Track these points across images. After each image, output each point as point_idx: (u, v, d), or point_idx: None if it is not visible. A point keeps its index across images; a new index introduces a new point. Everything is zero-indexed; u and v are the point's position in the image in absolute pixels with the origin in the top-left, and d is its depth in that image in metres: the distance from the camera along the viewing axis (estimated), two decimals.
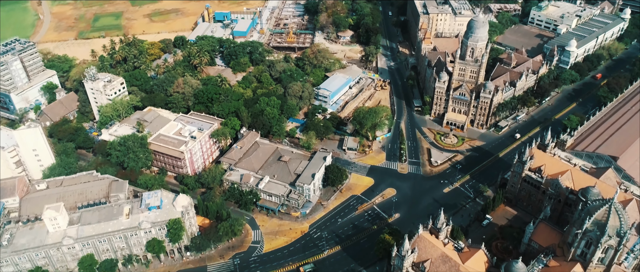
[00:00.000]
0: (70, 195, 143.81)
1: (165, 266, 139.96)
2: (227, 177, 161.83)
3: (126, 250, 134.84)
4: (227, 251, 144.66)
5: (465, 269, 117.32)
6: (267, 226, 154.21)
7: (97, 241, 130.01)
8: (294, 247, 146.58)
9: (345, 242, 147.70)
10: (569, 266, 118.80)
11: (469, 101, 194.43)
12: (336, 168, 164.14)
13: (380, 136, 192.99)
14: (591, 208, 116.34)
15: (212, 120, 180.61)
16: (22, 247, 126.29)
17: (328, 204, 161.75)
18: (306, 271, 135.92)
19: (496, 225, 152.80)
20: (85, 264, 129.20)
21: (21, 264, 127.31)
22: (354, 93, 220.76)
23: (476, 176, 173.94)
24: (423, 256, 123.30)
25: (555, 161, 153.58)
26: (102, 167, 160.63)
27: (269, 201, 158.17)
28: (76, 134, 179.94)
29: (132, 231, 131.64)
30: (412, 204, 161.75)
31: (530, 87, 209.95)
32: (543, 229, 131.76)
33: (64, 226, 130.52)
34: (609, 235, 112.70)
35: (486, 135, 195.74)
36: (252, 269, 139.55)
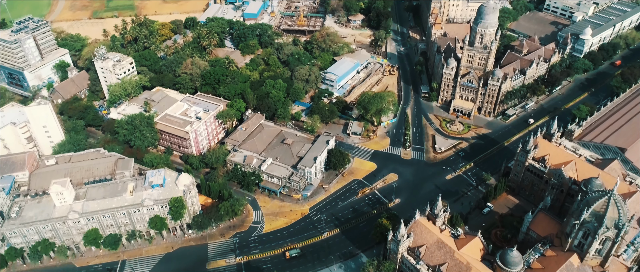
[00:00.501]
0: (77, 171, 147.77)
1: (168, 243, 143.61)
2: (230, 158, 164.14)
3: (129, 226, 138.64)
4: (228, 230, 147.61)
5: (459, 256, 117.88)
6: (268, 207, 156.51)
7: (102, 216, 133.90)
8: (294, 228, 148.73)
9: (345, 225, 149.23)
10: (566, 256, 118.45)
11: (476, 88, 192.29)
12: (338, 152, 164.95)
13: (385, 121, 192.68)
14: (590, 199, 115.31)
15: (218, 102, 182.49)
16: (29, 219, 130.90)
17: (329, 187, 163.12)
18: (292, 255, 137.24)
19: (497, 213, 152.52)
20: (89, 238, 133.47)
21: (29, 236, 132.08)
22: (361, 78, 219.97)
23: (480, 163, 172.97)
24: (419, 241, 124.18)
25: (559, 151, 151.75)
26: (110, 145, 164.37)
27: (271, 182, 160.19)
28: (86, 112, 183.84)
29: (135, 207, 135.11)
30: (413, 190, 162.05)
31: (541, 75, 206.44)
32: (542, 218, 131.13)
33: (70, 201, 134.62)
34: (607, 227, 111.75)
35: (493, 123, 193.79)
36: (251, 248, 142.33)
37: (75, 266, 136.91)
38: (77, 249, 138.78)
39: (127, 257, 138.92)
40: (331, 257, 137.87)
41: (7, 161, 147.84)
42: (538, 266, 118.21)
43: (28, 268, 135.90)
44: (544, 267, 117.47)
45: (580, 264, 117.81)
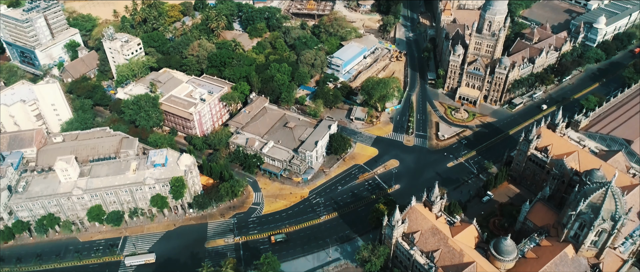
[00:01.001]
0: (83, 149, 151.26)
1: (169, 221, 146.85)
2: (233, 140, 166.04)
3: (132, 203, 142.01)
4: (228, 211, 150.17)
5: (453, 243, 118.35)
6: (269, 189, 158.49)
7: (105, 193, 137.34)
8: (293, 211, 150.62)
9: (343, 209, 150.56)
10: (561, 246, 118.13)
11: (483, 76, 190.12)
12: (340, 137, 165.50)
13: (389, 107, 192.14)
14: (588, 190, 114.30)
15: (223, 84, 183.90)
16: (36, 194, 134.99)
17: (330, 171, 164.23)
18: (277, 240, 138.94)
19: (497, 202, 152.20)
20: (93, 214, 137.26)
21: (35, 210, 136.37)
22: (368, 63, 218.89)
23: (483, 152, 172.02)
24: (413, 227, 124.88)
25: (563, 141, 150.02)
26: (115, 124, 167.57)
27: (272, 165, 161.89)
28: (94, 91, 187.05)
29: (137, 185, 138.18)
30: (413, 176, 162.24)
31: (551, 64, 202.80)
32: (540, 208, 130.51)
33: (75, 177, 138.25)
34: (603, 219, 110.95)
35: (499, 111, 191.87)
36: (250, 228, 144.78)
37: (80, 241, 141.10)
38: (82, 224, 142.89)
39: (129, 234, 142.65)
40: (327, 240, 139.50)
41: (15, 137, 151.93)
42: (532, 256, 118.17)
43: (34, 241, 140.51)
44: (538, 257, 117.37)
45: (575, 255, 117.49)
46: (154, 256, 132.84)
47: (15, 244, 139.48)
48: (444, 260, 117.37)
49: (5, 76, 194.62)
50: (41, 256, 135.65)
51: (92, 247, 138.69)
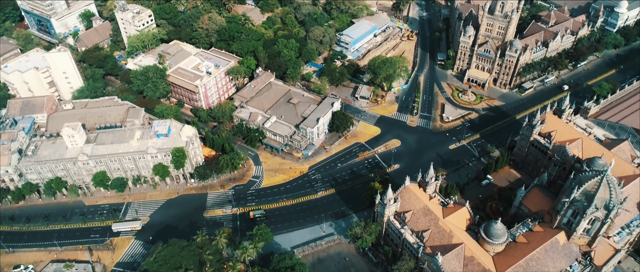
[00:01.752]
0: (91, 116, 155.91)
1: (171, 189, 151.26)
2: (237, 114, 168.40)
3: (135, 171, 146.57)
4: (228, 182, 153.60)
5: (443, 224, 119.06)
6: (269, 163, 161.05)
7: (109, 160, 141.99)
8: (291, 185, 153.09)
9: (341, 186, 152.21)
10: (553, 233, 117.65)
11: (493, 59, 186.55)
12: (342, 114, 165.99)
13: (396, 87, 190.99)
14: (583, 178, 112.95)
15: (230, 58, 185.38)
16: (44, 158, 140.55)
17: (331, 148, 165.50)
18: (256, 216, 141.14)
19: (496, 186, 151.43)
20: (97, 180, 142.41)
21: (43, 173, 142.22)
22: (378, 41, 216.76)
23: (487, 135, 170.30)
24: (406, 207, 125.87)
25: (567, 128, 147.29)
26: (124, 94, 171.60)
27: (274, 140, 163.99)
28: (105, 61, 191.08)
29: (140, 154, 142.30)
30: (414, 156, 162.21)
31: (566, 49, 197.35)
32: (536, 194, 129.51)
33: (81, 144, 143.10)
34: (597, 207, 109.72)
35: (508, 95, 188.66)
36: (248, 200, 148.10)
37: (85, 204, 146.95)
38: (88, 189, 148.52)
39: (132, 200, 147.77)
40: (322, 215, 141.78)
41: (28, 103, 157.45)
42: (523, 241, 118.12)
43: (43, 203, 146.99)
44: (528, 242, 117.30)
45: (567, 242, 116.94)
46: (139, 224, 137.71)
47: (26, 204, 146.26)
48: (434, 240, 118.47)
49: (22, 44, 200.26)
50: (49, 217, 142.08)
51: (96, 211, 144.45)
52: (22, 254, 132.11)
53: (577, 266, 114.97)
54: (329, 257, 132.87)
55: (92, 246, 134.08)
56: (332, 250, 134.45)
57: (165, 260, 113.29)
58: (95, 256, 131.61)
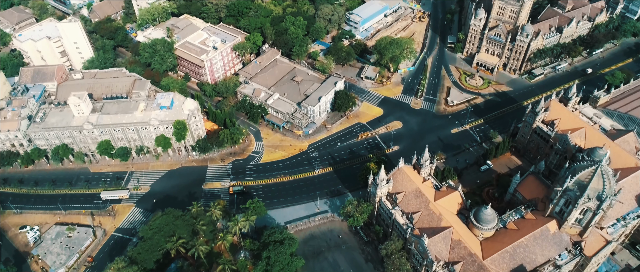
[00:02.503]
0: (98, 87, 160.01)
1: (173, 161, 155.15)
2: (240, 90, 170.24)
3: (138, 141, 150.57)
4: (229, 156, 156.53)
5: (434, 206, 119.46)
6: (270, 139, 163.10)
7: (113, 129, 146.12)
8: (290, 162, 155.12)
9: (338, 165, 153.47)
10: (545, 221, 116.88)
11: (503, 43, 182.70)
12: (345, 94, 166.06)
13: (403, 68, 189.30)
14: (577, 167, 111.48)
15: (237, 34, 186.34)
16: (51, 125, 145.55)
17: (332, 127, 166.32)
18: (235, 191, 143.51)
19: (495, 172, 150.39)
20: (101, 148, 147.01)
21: (51, 140, 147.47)
22: (388, 22, 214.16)
23: (491, 121, 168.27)
24: (398, 188, 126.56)
25: (571, 116, 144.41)
26: (132, 66, 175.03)
27: (276, 116, 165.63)
28: (116, 33, 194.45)
29: (143, 125, 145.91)
30: (415, 139, 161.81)
31: (581, 35, 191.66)
32: (531, 181, 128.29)
33: (87, 113, 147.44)
34: (589, 197, 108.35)
35: (517, 81, 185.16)
36: (246, 175, 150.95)
37: (90, 171, 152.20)
38: (93, 157, 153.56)
39: (135, 169, 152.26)
40: (318, 192, 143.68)
41: (39, 71, 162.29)
42: (513, 227, 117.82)
43: (51, 168, 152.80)
44: (518, 229, 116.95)
45: (558, 231, 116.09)
46: (127, 193, 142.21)
47: (34, 169, 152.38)
48: (423, 222, 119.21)
49: (38, 13, 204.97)
50: (55, 181, 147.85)
51: (100, 178, 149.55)
52: (29, 215, 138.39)
53: (566, 255, 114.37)
54: (321, 233, 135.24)
55: (94, 211, 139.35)
56: (325, 227, 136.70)
57: (160, 228, 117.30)
58: (97, 220, 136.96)
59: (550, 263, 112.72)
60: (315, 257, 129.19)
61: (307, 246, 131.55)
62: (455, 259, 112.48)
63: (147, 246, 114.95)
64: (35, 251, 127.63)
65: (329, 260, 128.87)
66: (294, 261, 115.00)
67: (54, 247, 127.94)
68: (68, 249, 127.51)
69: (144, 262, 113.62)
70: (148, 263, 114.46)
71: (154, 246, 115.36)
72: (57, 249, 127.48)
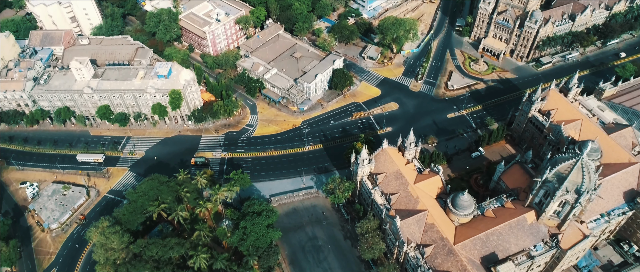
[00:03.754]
0: (103, 53, 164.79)
1: (169, 129, 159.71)
2: (240, 63, 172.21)
3: (136, 108, 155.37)
4: (223, 128, 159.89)
5: (412, 189, 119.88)
6: (265, 113, 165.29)
7: (112, 95, 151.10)
8: (281, 137, 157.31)
9: (329, 142, 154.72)
10: (523, 211, 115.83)
11: (511, 28, 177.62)
12: (342, 72, 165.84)
13: (406, 50, 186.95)
14: (558, 159, 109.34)
15: (242, 7, 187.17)
16: (54, 88, 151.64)
17: (327, 105, 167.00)
18: (198, 162, 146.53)
19: (486, 159, 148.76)
20: (100, 112, 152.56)
21: (54, 102, 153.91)
22: (397, 2, 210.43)
23: (490, 108, 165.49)
24: (380, 169, 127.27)
25: (569, 107, 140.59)
26: (137, 34, 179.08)
27: (272, 91, 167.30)
28: (126, 1, 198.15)
29: (140, 92, 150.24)
30: (409, 121, 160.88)
31: (596, 24, 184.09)
32: (516, 171, 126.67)
33: (88, 77, 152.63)
34: (567, 190, 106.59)
35: (523, 68, 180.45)
36: (238, 146, 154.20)
37: (90, 134, 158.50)
38: (94, 120, 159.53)
39: (132, 135, 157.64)
40: (306, 168, 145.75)
41: (47, 35, 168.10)
42: (491, 215, 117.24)
43: (54, 129, 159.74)
44: (495, 217, 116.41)
45: (536, 222, 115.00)
46: (102, 157, 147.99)
47: (39, 129, 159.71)
48: (400, 204, 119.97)
49: None
50: (57, 142, 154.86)
51: (99, 141, 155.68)
52: (30, 172, 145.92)
53: (541, 246, 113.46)
54: (304, 208, 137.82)
55: (90, 173, 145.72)
56: (308, 202, 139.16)
57: (145, 192, 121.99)
58: (91, 181, 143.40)
59: (523, 253, 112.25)
60: (295, 230, 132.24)
61: (289, 219, 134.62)
62: (427, 242, 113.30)
63: (131, 208, 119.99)
64: (32, 206, 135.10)
65: (308, 234, 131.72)
66: (270, 232, 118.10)
67: (49, 203, 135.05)
68: (62, 206, 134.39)
69: (128, 224, 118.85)
70: (132, 224, 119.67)
71: (138, 208, 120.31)
72: (52, 205, 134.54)
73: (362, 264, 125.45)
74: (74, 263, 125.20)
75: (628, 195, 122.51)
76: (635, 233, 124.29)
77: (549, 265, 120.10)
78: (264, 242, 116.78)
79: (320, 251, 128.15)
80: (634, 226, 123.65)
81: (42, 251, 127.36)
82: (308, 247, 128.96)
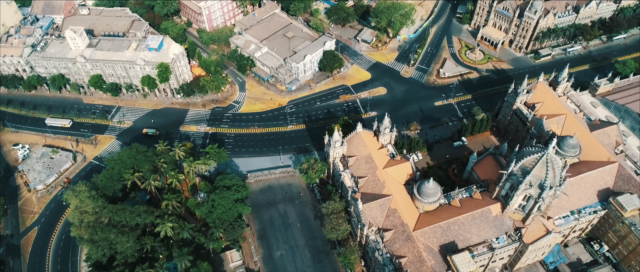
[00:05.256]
0: (100, 24, 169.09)
1: (158, 101, 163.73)
2: (233, 40, 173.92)
3: (127, 79, 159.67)
4: (210, 103, 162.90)
5: (380, 173, 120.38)
6: (254, 91, 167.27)
7: (104, 65, 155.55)
8: (266, 115, 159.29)
9: (312, 123, 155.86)
10: (489, 203, 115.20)
11: (511, 18, 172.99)
12: (332, 54, 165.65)
13: (403, 35, 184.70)
14: (525, 152, 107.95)
15: None
16: (50, 55, 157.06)
17: (316, 86, 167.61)
18: (149, 133, 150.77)
19: (468, 149, 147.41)
20: (93, 81, 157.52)
21: (49, 69, 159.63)
22: None
23: (480, 98, 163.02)
24: (352, 152, 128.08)
25: (555, 101, 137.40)
26: (136, 7, 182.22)
27: (262, 70, 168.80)
28: None
29: (130, 64, 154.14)
30: (395, 107, 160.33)
31: (603, 17, 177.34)
32: (488, 162, 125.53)
33: (82, 47, 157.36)
34: (531, 184, 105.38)
35: (520, 59, 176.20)
36: (223, 122, 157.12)
37: (84, 102, 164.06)
38: (88, 89, 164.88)
39: (123, 105, 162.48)
40: (286, 147, 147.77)
41: (49, 4, 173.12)
42: (456, 205, 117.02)
43: (50, 95, 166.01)
44: (461, 206, 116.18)
45: (501, 214, 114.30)
46: (69, 122, 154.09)
47: (36, 94, 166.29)
48: (367, 187, 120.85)
49: None
50: (51, 107, 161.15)
51: (91, 109, 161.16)
52: (23, 135, 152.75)
53: (504, 239, 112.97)
54: (279, 186, 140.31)
55: (79, 139, 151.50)
56: (284, 180, 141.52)
57: (123, 160, 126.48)
58: (80, 147, 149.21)
59: (485, 244, 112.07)
60: (267, 207, 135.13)
61: (263, 195, 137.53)
62: (388, 226, 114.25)
63: (109, 175, 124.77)
64: (21, 167, 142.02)
65: (280, 211, 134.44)
66: (238, 206, 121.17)
67: (38, 165, 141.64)
68: (49, 169, 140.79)
69: (104, 189, 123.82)
70: (109, 190, 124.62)
71: (115, 175, 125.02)
72: (40, 167, 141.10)
73: (329, 244, 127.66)
74: (54, 223, 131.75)
75: (602, 194, 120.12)
76: (606, 233, 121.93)
77: (513, 258, 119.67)
78: (231, 215, 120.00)
79: (289, 228, 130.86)
80: (606, 226, 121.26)
81: (26, 210, 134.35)
82: (278, 224, 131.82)
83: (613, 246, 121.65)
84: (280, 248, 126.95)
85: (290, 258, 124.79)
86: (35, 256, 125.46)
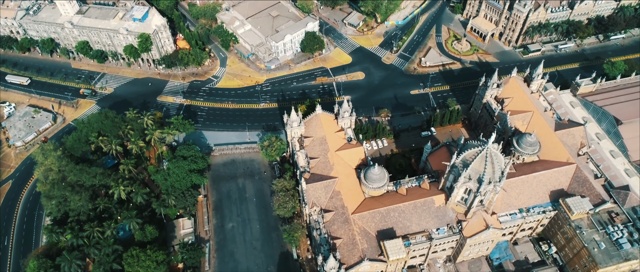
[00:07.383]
0: None
1: (141, 71, 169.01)
2: (219, 15, 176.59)
3: (111, 47, 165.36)
4: (190, 76, 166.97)
5: (331, 156, 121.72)
6: (234, 67, 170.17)
7: (90, 32, 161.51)
8: (242, 91, 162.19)
9: (285, 103, 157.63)
10: (433, 193, 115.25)
11: (501, 10, 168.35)
12: (312, 36, 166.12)
13: (391, 21, 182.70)
14: (468, 145, 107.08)
15: None
16: (40, 19, 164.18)
17: (295, 67, 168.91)
18: (85, 93, 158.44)
19: (435, 140, 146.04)
20: (79, 47, 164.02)
21: (40, 32, 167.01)
22: None
23: (457, 89, 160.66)
24: (310, 133, 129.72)
25: (524, 98, 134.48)
26: None
27: (244, 47, 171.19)
28: None
29: (114, 33, 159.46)
30: (370, 92, 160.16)
31: (600, 15, 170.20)
32: (442, 153, 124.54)
33: (72, 13, 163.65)
34: (470, 177, 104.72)
35: (508, 53, 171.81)
36: (199, 95, 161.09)
37: (72, 67, 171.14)
38: (77, 54, 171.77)
39: (108, 72, 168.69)
40: (254, 124, 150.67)
41: None
42: (402, 192, 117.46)
43: (43, 58, 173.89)
44: (405, 195, 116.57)
45: (444, 205, 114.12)
46: (26, 80, 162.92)
47: (29, 56, 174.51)
48: (318, 168, 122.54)
49: None
50: (40, 70, 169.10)
51: (77, 74, 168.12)
52: (11, 93, 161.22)
53: (444, 230, 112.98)
54: (242, 161, 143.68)
55: (62, 101, 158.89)
56: (248, 156, 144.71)
57: (90, 124, 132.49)
58: (61, 109, 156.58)
59: (423, 234, 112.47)
60: (227, 180, 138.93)
61: (225, 169, 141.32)
62: (330, 207, 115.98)
63: (76, 137, 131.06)
64: (4, 124, 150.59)
65: (239, 185, 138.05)
66: (191, 176, 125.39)
67: (19, 123, 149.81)
68: (29, 127, 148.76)
69: (72, 150, 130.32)
70: (76, 151, 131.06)
71: (82, 137, 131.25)
72: (21, 125, 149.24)
73: (280, 221, 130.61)
74: (27, 179, 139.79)
75: (555, 194, 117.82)
76: (556, 234, 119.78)
77: (456, 251, 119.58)
78: (184, 184, 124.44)
79: (245, 202, 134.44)
80: (555, 227, 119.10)
81: (4, 164, 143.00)
82: (234, 197, 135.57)
83: (561, 247, 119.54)
84: (233, 220, 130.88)
85: (240, 230, 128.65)
86: (6, 207, 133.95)
